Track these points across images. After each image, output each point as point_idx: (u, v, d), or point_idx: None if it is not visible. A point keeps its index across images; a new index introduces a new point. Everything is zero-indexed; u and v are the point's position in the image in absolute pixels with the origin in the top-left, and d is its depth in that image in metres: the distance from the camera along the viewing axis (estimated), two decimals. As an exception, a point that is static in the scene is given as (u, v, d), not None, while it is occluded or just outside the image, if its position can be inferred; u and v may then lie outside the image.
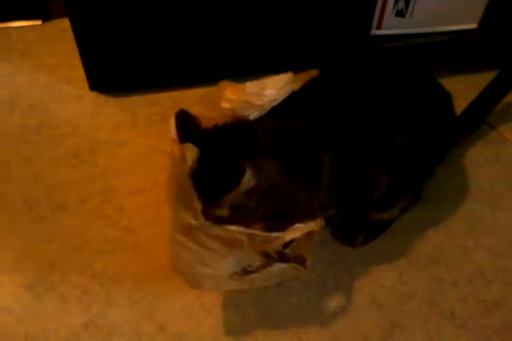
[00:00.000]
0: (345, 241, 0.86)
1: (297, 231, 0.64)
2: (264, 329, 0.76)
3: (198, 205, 0.58)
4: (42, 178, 0.96)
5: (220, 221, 0.61)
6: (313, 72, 1.17)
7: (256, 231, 0.62)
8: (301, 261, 0.70)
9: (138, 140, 1.03)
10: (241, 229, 0.61)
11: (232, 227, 0.60)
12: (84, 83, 1.11)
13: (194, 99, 1.11)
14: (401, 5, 1.05)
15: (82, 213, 0.91)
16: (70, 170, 0.98)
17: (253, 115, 0.66)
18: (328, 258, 0.84)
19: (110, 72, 1.11)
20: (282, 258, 0.70)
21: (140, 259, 0.83)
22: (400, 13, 1.06)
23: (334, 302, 0.79)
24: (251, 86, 0.65)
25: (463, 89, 1.05)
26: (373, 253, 0.85)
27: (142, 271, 0.81)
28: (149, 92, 1.12)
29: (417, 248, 0.86)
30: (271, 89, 0.66)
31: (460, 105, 1.00)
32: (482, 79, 1.08)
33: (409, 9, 1.06)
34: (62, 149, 1.02)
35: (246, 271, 0.67)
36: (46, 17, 1.33)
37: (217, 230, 0.60)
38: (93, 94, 1.12)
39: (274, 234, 0.63)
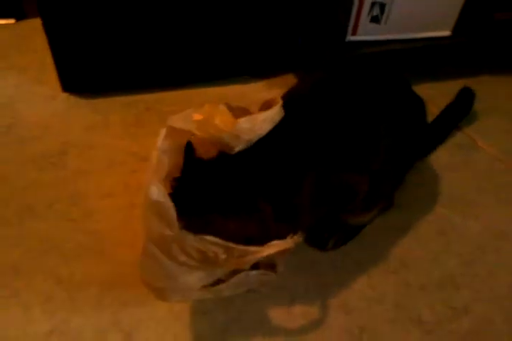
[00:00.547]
0: (316, 245, 0.86)
1: (275, 247, 0.62)
2: (233, 335, 0.75)
3: (173, 216, 0.58)
4: (9, 181, 0.94)
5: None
6: (289, 77, 1.18)
7: (233, 244, 0.60)
8: (271, 266, 0.69)
9: (109, 142, 1.02)
10: (217, 240, 0.59)
11: (208, 237, 0.59)
12: (56, 84, 1.09)
13: (168, 103, 1.10)
14: (376, 11, 1.06)
15: (49, 217, 0.89)
16: (39, 173, 0.96)
17: (239, 148, 0.65)
18: (298, 262, 0.84)
19: (83, 74, 1.09)
20: (253, 265, 0.69)
21: (107, 265, 0.81)
22: (375, 19, 1.07)
23: (303, 306, 0.79)
24: (244, 121, 0.65)
25: (435, 96, 1.06)
26: (344, 258, 0.85)
27: (109, 276, 0.80)
28: (123, 94, 1.11)
29: (387, 253, 0.86)
30: (262, 125, 0.66)
31: (432, 112, 1.01)
32: (455, 87, 1.10)
33: (385, 15, 1.07)
34: (31, 151, 0.99)
35: (214, 280, 0.66)
36: (20, 16, 1.31)
37: (192, 240, 0.59)
38: (65, 96, 1.10)
39: (252, 249, 0.61)
